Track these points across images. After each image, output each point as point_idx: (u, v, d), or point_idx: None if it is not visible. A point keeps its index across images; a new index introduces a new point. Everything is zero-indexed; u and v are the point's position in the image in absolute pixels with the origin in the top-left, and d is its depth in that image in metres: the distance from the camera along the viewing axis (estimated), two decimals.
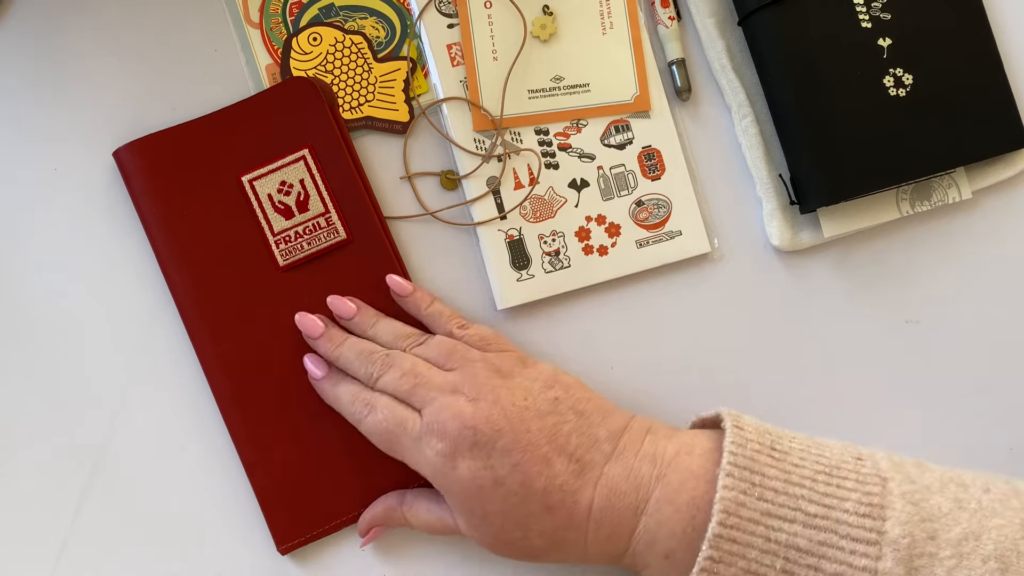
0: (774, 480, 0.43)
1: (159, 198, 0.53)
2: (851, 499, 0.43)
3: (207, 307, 0.53)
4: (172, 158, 0.53)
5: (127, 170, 0.54)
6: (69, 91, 0.55)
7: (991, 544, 0.42)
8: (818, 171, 0.55)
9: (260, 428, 0.53)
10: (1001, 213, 0.59)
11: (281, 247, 0.53)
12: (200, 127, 0.54)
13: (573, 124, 0.57)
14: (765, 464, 0.44)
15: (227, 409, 0.53)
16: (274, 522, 0.52)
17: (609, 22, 0.57)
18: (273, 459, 0.53)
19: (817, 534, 0.42)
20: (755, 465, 0.43)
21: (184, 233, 0.53)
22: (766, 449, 0.44)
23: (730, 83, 0.57)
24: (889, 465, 0.45)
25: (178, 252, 0.53)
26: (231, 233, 0.53)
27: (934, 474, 0.45)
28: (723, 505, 0.42)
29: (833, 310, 0.58)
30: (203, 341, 0.53)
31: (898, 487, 0.43)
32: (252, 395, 0.53)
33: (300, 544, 0.53)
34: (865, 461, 0.45)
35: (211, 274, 0.53)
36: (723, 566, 0.42)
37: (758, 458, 0.44)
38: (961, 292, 0.59)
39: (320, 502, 0.53)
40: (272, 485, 0.53)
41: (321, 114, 0.54)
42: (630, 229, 0.56)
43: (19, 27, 0.56)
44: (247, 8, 0.56)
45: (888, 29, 0.56)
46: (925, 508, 0.43)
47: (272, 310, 0.53)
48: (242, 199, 0.53)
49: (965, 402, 0.58)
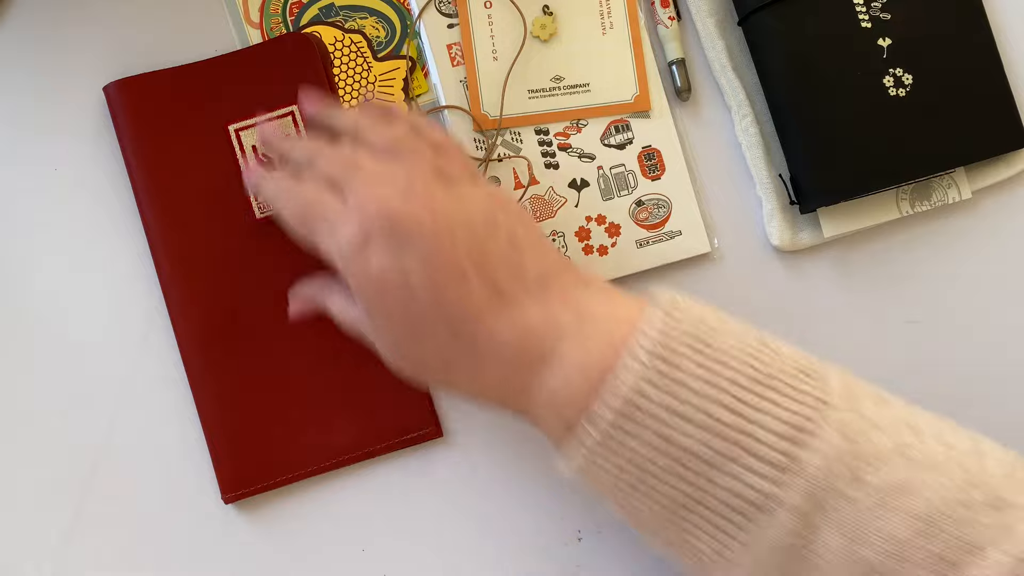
0: (689, 376, 0.38)
1: (144, 136, 0.54)
2: (773, 415, 0.38)
3: (179, 249, 0.53)
4: (161, 99, 0.54)
5: (115, 106, 0.54)
6: (69, 92, 0.55)
7: (922, 502, 0.37)
8: (818, 171, 0.55)
9: (220, 375, 0.53)
10: (1001, 213, 0.59)
11: (260, 199, 0.53)
12: (194, 72, 0.54)
13: (573, 124, 0.57)
14: (686, 356, 0.39)
15: (188, 352, 0.53)
16: (221, 471, 0.52)
17: (609, 22, 0.57)
18: (228, 407, 0.53)
19: (720, 443, 0.38)
20: (673, 356, 0.38)
21: (165, 174, 0.53)
22: (695, 342, 0.39)
23: (730, 83, 0.57)
24: (839, 388, 0.40)
25: (156, 192, 0.53)
26: (211, 179, 0.54)
27: (891, 411, 0.40)
28: (619, 389, 0.38)
29: (833, 310, 0.58)
30: (172, 282, 0.53)
31: (837, 415, 0.38)
32: (215, 341, 0.53)
33: (245, 495, 0.52)
34: (811, 378, 0.39)
35: (186, 218, 0.53)
36: (608, 451, 0.39)
37: (679, 349, 0.39)
38: (961, 292, 0.59)
39: (273, 455, 0.53)
40: (224, 433, 0.52)
41: (315, 72, 0.54)
42: (630, 229, 0.56)
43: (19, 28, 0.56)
44: (247, 8, 0.56)
45: (888, 29, 0.56)
46: (859, 446, 0.38)
47: (244, 259, 0.53)
48: (226, 147, 0.54)
49: (965, 402, 0.57)
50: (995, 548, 0.36)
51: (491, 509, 0.54)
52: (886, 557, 0.37)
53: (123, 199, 0.55)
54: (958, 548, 0.36)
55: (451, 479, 0.54)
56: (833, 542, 0.37)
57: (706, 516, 0.39)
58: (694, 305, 0.41)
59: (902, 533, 0.37)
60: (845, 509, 0.37)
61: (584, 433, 0.39)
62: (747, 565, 0.38)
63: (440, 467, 0.55)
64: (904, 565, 0.37)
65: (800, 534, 0.37)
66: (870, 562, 0.37)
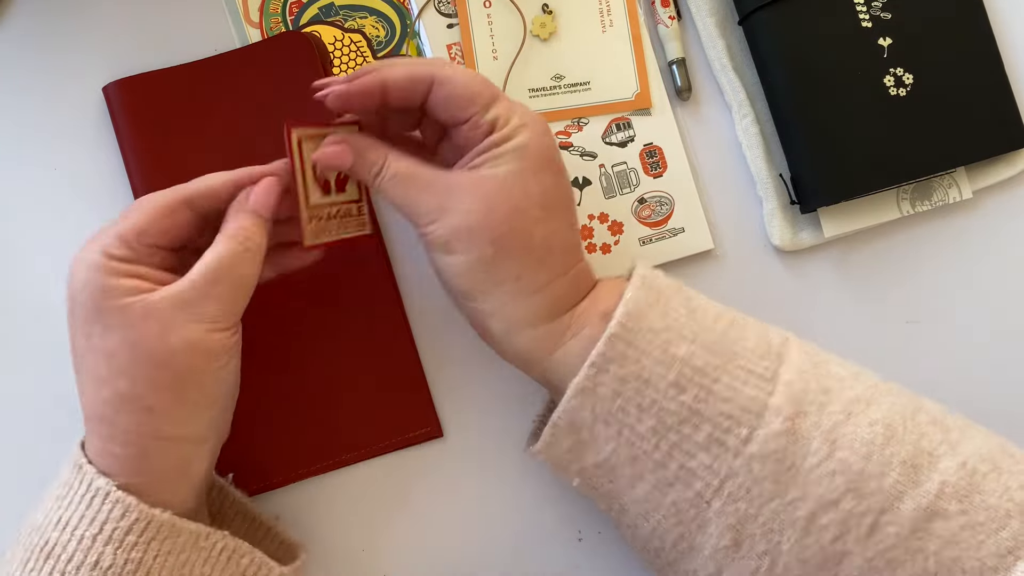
0: (679, 307, 0.45)
1: (143, 136, 0.53)
2: (751, 340, 0.45)
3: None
4: (161, 98, 0.54)
5: (115, 106, 0.54)
6: (69, 92, 0.55)
7: (880, 412, 0.43)
8: (818, 171, 0.55)
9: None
10: (1001, 213, 0.60)
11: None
12: (193, 71, 0.54)
13: (574, 123, 0.57)
14: (671, 295, 0.45)
15: None
16: (222, 471, 0.51)
17: (609, 20, 0.58)
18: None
19: (714, 358, 0.43)
20: (662, 292, 0.45)
21: (164, 173, 0.53)
22: (675, 286, 0.46)
23: (730, 83, 0.57)
24: (796, 339, 0.47)
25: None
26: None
27: (837, 357, 0.47)
28: (626, 309, 0.44)
29: (833, 310, 0.58)
30: None
31: (799, 345, 0.46)
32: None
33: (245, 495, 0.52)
34: (773, 329, 0.47)
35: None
36: (615, 366, 0.43)
37: (666, 289, 0.46)
38: (961, 292, 0.59)
39: (273, 455, 0.53)
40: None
41: (315, 71, 0.54)
42: (633, 227, 0.56)
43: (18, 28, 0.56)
44: (247, 8, 0.56)
45: (888, 28, 0.56)
46: (822, 368, 0.45)
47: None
48: (226, 147, 0.53)
49: (965, 402, 0.57)
50: (946, 458, 0.42)
51: (491, 509, 0.54)
52: (861, 459, 0.42)
53: (122, 199, 0.54)
54: (916, 453, 0.42)
55: (451, 479, 0.54)
56: (815, 444, 0.42)
57: (704, 428, 0.43)
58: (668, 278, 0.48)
59: (870, 436, 0.42)
60: (820, 415, 0.43)
61: (597, 352, 0.43)
62: (741, 476, 0.42)
63: (440, 467, 0.54)
64: (877, 466, 0.42)
65: (788, 436, 0.42)
66: (849, 463, 0.42)
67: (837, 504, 0.42)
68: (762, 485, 0.42)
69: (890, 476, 0.42)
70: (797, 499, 0.42)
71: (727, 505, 0.43)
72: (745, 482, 0.42)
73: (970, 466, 0.42)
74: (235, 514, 0.50)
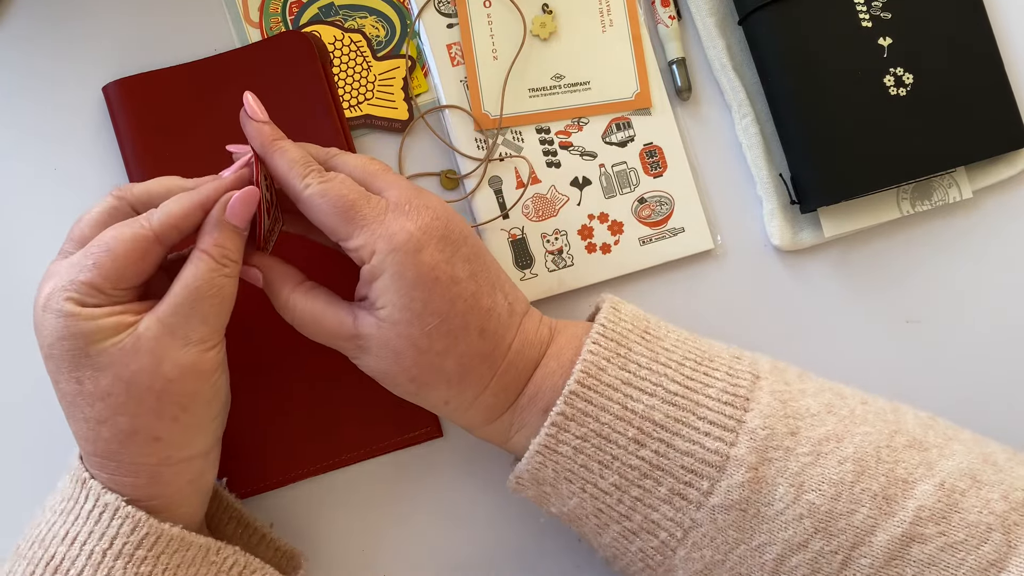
0: (640, 356, 0.45)
1: (143, 135, 0.53)
2: (716, 387, 0.44)
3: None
4: (160, 98, 0.54)
5: (114, 106, 0.54)
6: (69, 91, 0.55)
7: (851, 447, 0.43)
8: (818, 171, 0.55)
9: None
10: (1001, 213, 0.59)
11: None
12: (193, 71, 0.54)
13: (574, 122, 0.57)
14: (634, 341, 0.45)
15: None
16: (222, 471, 0.50)
17: (609, 20, 0.58)
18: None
19: (675, 411, 0.43)
20: (623, 340, 0.45)
21: (163, 173, 0.51)
22: (639, 331, 0.46)
23: (730, 82, 0.57)
24: (769, 368, 0.46)
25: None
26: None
27: (815, 383, 0.46)
28: (584, 366, 0.44)
29: (833, 310, 0.58)
30: None
31: (769, 385, 0.44)
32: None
33: (245, 495, 0.52)
34: (743, 359, 0.46)
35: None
36: (575, 424, 0.43)
37: (628, 335, 0.45)
38: (961, 292, 0.59)
39: (273, 455, 0.53)
40: (224, 433, 0.50)
41: (314, 71, 0.54)
42: (633, 227, 0.56)
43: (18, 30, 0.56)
44: (247, 7, 0.56)
45: (888, 28, 0.56)
46: (792, 407, 0.44)
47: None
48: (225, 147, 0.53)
49: (964, 402, 0.57)
50: (922, 481, 0.42)
51: (491, 509, 0.54)
52: (830, 500, 0.42)
53: None
54: (889, 483, 0.42)
55: (451, 479, 0.54)
56: (781, 490, 0.42)
57: (665, 482, 0.43)
58: (631, 306, 0.48)
59: (839, 475, 0.42)
60: (787, 459, 0.42)
61: (557, 412, 0.44)
62: (704, 526, 0.42)
63: (440, 467, 0.54)
64: (846, 504, 0.42)
65: (751, 486, 0.42)
66: (816, 505, 0.42)
67: (806, 545, 0.42)
68: (726, 534, 0.42)
69: (860, 513, 0.42)
70: (764, 544, 0.42)
71: (692, 552, 0.43)
72: (709, 531, 0.43)
73: (948, 485, 0.42)
74: (229, 519, 0.50)
